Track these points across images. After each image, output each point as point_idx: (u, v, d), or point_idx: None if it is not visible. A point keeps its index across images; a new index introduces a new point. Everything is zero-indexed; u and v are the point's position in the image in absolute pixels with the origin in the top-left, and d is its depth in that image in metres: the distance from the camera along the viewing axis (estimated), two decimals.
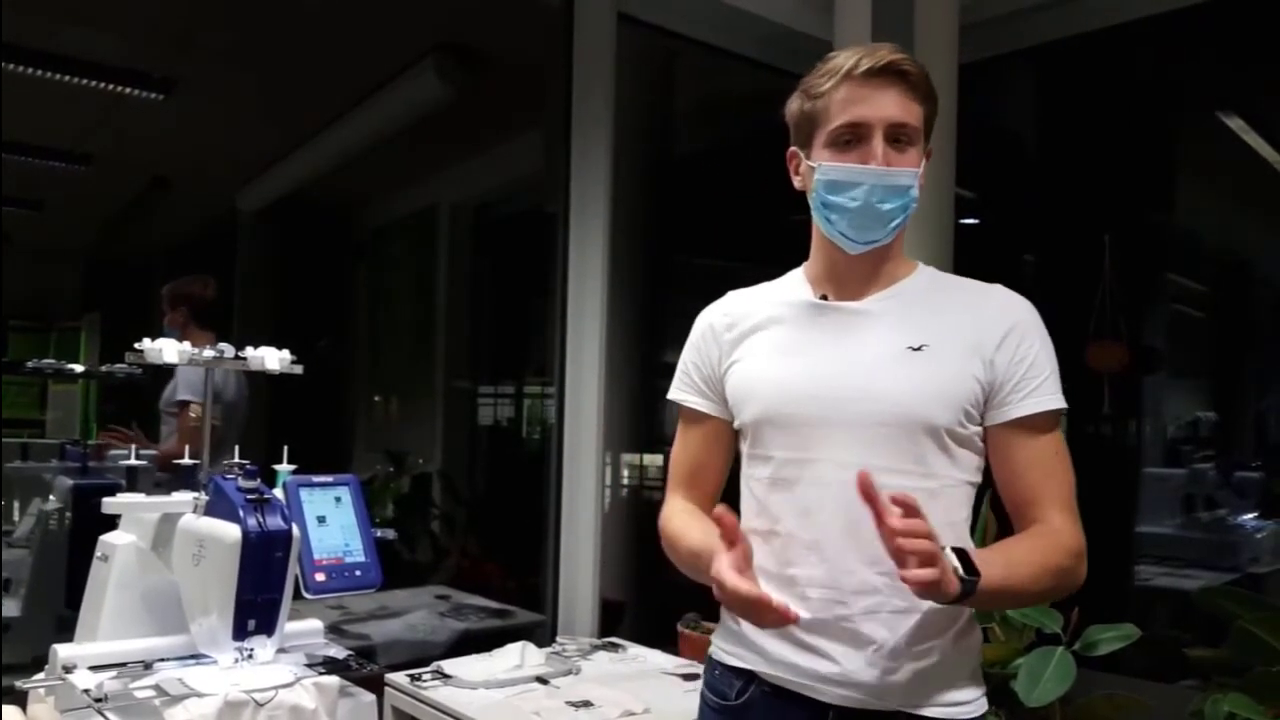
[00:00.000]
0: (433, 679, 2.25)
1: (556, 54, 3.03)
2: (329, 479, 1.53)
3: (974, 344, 1.23)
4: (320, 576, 1.44)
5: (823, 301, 1.31)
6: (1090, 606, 2.07)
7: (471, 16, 3.64)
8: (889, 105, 1.22)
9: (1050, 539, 1.21)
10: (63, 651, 1.37)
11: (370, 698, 1.45)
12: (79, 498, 2.21)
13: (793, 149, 1.34)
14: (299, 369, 1.62)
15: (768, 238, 2.41)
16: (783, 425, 1.27)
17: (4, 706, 1.41)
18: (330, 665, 1.45)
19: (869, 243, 1.26)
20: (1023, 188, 3.79)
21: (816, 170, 1.27)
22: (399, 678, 2.25)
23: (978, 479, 1.28)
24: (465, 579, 4.17)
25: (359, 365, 5.93)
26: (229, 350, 1.58)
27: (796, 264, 1.42)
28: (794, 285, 1.37)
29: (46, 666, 1.39)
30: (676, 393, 1.43)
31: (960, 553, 1.11)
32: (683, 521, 1.36)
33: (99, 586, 1.46)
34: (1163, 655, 2.54)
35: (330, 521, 1.50)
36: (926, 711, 1.22)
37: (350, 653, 1.52)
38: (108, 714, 1.25)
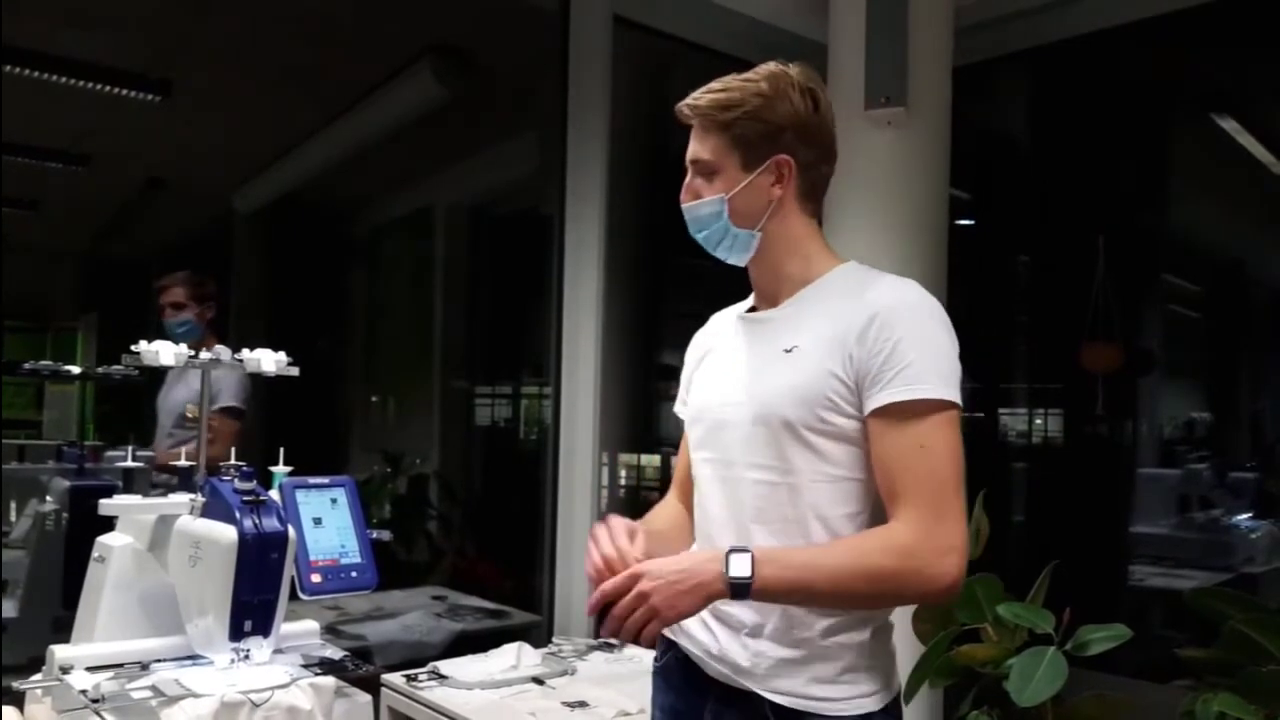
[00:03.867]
0: (429, 679, 2.26)
1: (552, 56, 3.04)
2: (325, 480, 1.54)
3: (837, 339, 1.23)
4: (316, 578, 1.45)
5: (749, 314, 1.41)
6: (1083, 606, 2.08)
7: (468, 19, 3.64)
8: (691, 146, 1.37)
9: (873, 539, 1.20)
10: (60, 652, 1.38)
11: (366, 698, 1.46)
12: (76, 499, 2.20)
13: None
14: (295, 371, 1.62)
15: None
16: (697, 429, 1.40)
17: (2, 707, 1.41)
18: (326, 666, 1.46)
19: (730, 262, 1.37)
20: (1017, 189, 3.80)
21: None
22: (395, 678, 2.26)
23: (857, 474, 1.25)
24: (461, 580, 4.18)
25: (355, 366, 5.93)
26: (226, 353, 1.58)
27: None
28: (746, 302, 1.46)
29: (44, 667, 1.39)
30: (677, 404, 1.54)
31: (743, 552, 1.15)
32: (654, 511, 1.53)
33: (96, 587, 1.47)
34: (1155, 655, 2.55)
35: (326, 523, 1.50)
36: (783, 701, 1.25)
37: (346, 653, 1.53)
38: (105, 715, 1.25)
